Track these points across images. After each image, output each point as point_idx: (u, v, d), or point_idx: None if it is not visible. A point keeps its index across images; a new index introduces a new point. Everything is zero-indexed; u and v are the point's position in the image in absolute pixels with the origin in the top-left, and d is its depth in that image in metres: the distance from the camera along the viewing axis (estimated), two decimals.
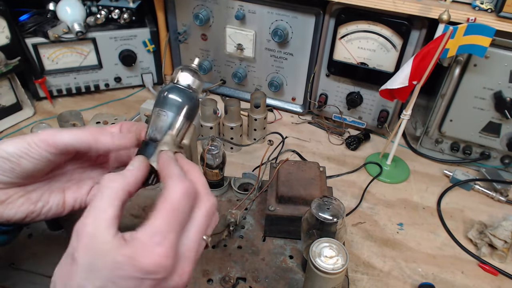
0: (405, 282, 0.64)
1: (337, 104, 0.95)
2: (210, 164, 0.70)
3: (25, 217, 0.43)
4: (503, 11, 0.69)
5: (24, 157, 0.40)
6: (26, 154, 0.40)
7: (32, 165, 0.41)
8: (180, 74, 0.44)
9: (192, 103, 0.44)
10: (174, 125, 0.43)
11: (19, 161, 0.40)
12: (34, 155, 0.40)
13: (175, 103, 0.43)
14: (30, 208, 0.43)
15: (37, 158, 0.40)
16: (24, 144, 0.40)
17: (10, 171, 0.40)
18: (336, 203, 0.56)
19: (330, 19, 0.84)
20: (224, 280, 0.60)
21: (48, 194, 0.45)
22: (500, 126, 0.79)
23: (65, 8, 0.93)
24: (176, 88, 0.43)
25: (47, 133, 0.41)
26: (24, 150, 0.40)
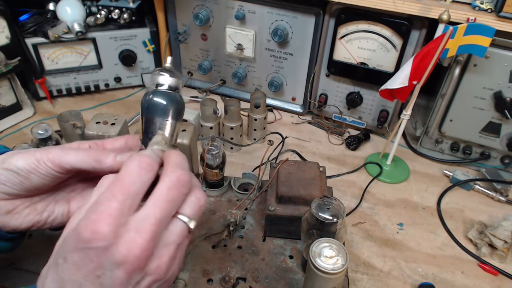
0: (405, 282, 0.64)
1: (337, 104, 0.95)
2: (210, 164, 0.70)
3: (31, 226, 0.44)
4: (503, 11, 0.69)
5: (33, 173, 0.41)
6: (35, 170, 0.41)
7: (40, 180, 0.42)
8: (158, 78, 0.44)
9: (175, 103, 0.44)
10: (164, 127, 0.43)
11: (28, 176, 0.41)
12: (43, 172, 0.41)
13: (161, 106, 0.43)
14: (36, 218, 0.44)
15: (45, 175, 0.42)
16: (34, 160, 0.41)
17: (19, 184, 0.42)
18: (336, 203, 0.56)
19: (330, 19, 0.84)
20: (224, 280, 0.60)
21: (53, 205, 0.46)
22: (500, 126, 0.79)
23: (65, 8, 0.93)
24: (157, 92, 0.43)
25: (55, 153, 0.42)
26: (33, 166, 0.41)
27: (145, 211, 0.34)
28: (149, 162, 0.35)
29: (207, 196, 0.39)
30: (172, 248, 0.35)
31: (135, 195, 0.34)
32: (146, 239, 0.32)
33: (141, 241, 0.32)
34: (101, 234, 0.31)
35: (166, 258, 0.34)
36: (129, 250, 0.32)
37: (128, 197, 0.33)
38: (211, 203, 0.72)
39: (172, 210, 0.35)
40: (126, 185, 0.34)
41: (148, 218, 0.33)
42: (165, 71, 0.44)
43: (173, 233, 0.35)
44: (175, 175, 0.36)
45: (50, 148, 0.42)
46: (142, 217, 0.33)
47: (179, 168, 0.37)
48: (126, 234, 0.32)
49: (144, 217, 0.33)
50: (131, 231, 0.32)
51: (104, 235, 0.31)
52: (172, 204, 0.35)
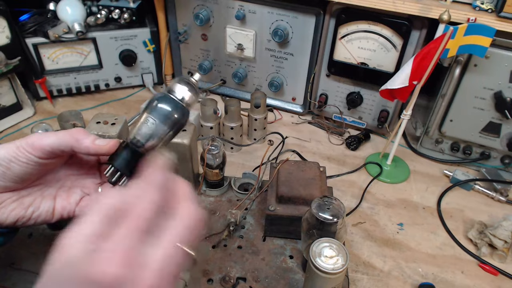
0: (405, 282, 0.64)
1: (337, 104, 0.95)
2: (210, 164, 0.70)
3: (16, 221, 0.43)
4: (503, 11, 0.69)
5: (13, 161, 0.41)
6: (15, 158, 0.41)
7: (22, 168, 0.41)
8: (177, 86, 0.43)
9: (181, 117, 0.42)
10: (158, 134, 0.42)
11: (9, 165, 0.41)
12: (23, 159, 0.41)
13: (165, 113, 0.42)
14: (21, 213, 0.43)
15: (25, 162, 0.41)
16: (13, 148, 0.41)
17: (1, 175, 0.41)
18: (336, 203, 0.57)
19: (331, 19, 0.84)
20: (224, 280, 0.60)
21: (39, 200, 0.45)
22: (500, 126, 0.79)
23: (65, 8, 0.93)
24: (169, 98, 0.42)
25: (34, 137, 0.41)
26: (13, 154, 0.40)
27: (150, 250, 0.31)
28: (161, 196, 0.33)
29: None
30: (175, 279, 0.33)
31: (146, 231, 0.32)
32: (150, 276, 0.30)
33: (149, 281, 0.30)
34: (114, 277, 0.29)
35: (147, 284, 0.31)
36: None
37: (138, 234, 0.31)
38: (211, 203, 0.72)
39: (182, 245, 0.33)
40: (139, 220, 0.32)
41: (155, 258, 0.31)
42: (188, 84, 0.43)
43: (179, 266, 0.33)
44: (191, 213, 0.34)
45: (31, 135, 0.42)
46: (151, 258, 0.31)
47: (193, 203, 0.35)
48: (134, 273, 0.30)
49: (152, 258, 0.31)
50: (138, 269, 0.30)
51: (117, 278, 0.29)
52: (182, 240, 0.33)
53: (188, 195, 0.36)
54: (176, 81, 0.43)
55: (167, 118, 0.42)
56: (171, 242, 0.32)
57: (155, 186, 0.34)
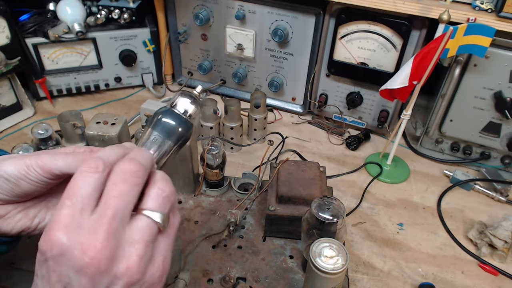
0: (405, 282, 0.64)
1: (337, 104, 0.95)
2: (210, 164, 0.70)
3: (21, 231, 0.43)
4: (503, 11, 0.69)
5: (23, 179, 0.40)
6: (25, 177, 0.40)
7: (31, 186, 0.41)
8: (179, 99, 0.43)
9: (185, 131, 0.42)
10: (164, 149, 0.41)
11: (18, 183, 0.40)
12: (33, 179, 0.41)
13: (169, 127, 0.41)
14: (27, 223, 0.43)
15: (35, 181, 0.41)
16: (24, 166, 0.40)
17: (10, 191, 0.41)
18: (336, 203, 0.57)
19: (330, 19, 0.84)
20: (224, 280, 0.60)
21: (45, 211, 0.45)
22: (500, 126, 0.79)
23: (65, 8, 0.93)
24: (172, 113, 0.42)
25: (44, 159, 0.41)
26: (23, 173, 0.40)
27: (97, 212, 0.32)
28: (94, 163, 0.34)
29: (173, 187, 0.37)
30: (140, 246, 0.33)
31: (84, 197, 0.32)
32: (100, 239, 0.31)
33: (95, 241, 0.30)
34: (53, 241, 0.31)
35: (134, 257, 0.32)
36: (84, 252, 0.30)
37: (77, 201, 0.32)
38: (211, 203, 0.72)
39: (126, 204, 0.33)
40: (72, 190, 0.33)
41: (100, 217, 0.32)
42: (190, 97, 0.43)
43: (137, 230, 0.33)
44: (120, 167, 0.34)
45: (40, 153, 0.42)
46: (95, 217, 0.32)
47: (127, 160, 0.35)
48: (80, 236, 0.31)
49: (96, 217, 0.32)
50: (84, 233, 0.31)
51: (57, 242, 0.30)
52: (123, 198, 0.33)
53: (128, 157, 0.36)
54: (179, 95, 0.43)
55: (171, 133, 0.41)
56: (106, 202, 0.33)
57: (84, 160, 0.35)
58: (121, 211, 0.33)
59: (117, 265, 0.31)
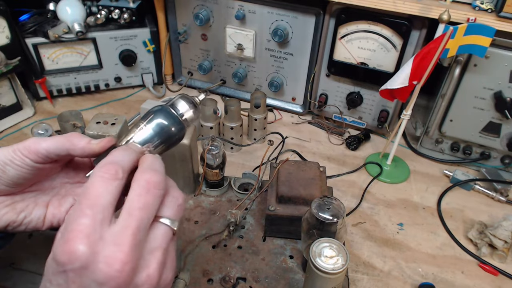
0: (405, 282, 0.64)
1: (337, 104, 0.95)
2: (210, 164, 0.70)
3: (6, 225, 0.43)
4: (503, 11, 0.69)
5: (8, 164, 0.40)
6: (10, 161, 0.40)
7: (17, 172, 0.41)
8: (179, 101, 0.43)
9: (176, 131, 0.42)
10: (149, 143, 0.41)
11: (4, 168, 0.40)
12: (18, 162, 0.40)
13: (160, 124, 0.41)
14: (12, 217, 0.43)
15: (21, 165, 0.41)
16: (10, 151, 0.40)
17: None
18: (336, 203, 0.56)
19: (330, 19, 0.84)
20: (224, 280, 0.60)
21: (32, 207, 0.45)
22: (500, 126, 0.79)
23: (65, 8, 0.93)
24: (167, 111, 0.42)
25: (31, 141, 0.41)
26: (9, 157, 0.40)
27: (120, 223, 0.32)
28: (113, 170, 0.34)
29: (184, 194, 0.38)
30: (159, 254, 0.33)
31: (104, 207, 0.32)
32: (125, 252, 0.31)
33: (121, 254, 0.30)
34: (75, 254, 0.30)
35: (154, 265, 0.33)
36: (109, 265, 0.30)
37: (98, 211, 0.31)
38: (211, 203, 0.72)
39: (149, 216, 0.33)
40: (93, 198, 0.32)
41: (125, 229, 0.31)
42: (190, 102, 0.43)
43: (156, 238, 0.34)
44: (144, 178, 0.34)
45: (29, 138, 0.42)
46: (118, 229, 0.32)
47: (149, 170, 0.35)
48: (104, 249, 0.30)
49: (120, 229, 0.32)
50: (108, 246, 0.30)
51: (80, 255, 0.30)
52: (147, 210, 0.33)
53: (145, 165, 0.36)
54: (179, 97, 0.43)
55: (160, 129, 0.41)
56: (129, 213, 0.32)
57: (103, 165, 0.34)
58: (145, 222, 0.33)
59: (139, 274, 0.32)
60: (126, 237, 0.31)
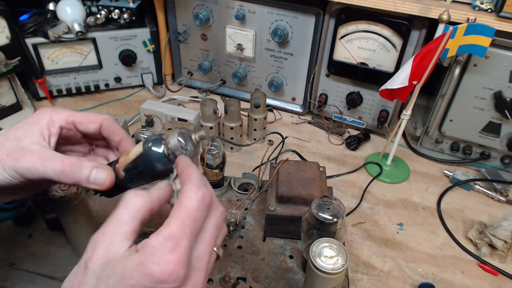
0: (405, 282, 0.64)
1: (337, 104, 0.95)
2: (210, 164, 0.70)
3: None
4: (503, 11, 0.69)
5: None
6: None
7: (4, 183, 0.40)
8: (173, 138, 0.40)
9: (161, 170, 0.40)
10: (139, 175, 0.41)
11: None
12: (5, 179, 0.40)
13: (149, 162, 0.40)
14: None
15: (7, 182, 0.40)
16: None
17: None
18: (336, 203, 0.56)
19: (330, 19, 0.84)
20: (224, 280, 0.60)
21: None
22: (500, 126, 0.79)
23: (65, 8, 0.93)
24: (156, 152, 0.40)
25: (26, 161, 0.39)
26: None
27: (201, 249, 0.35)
28: (208, 199, 0.36)
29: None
30: (204, 274, 0.35)
31: (198, 231, 0.35)
32: (204, 277, 0.34)
33: (202, 280, 0.33)
34: (175, 277, 0.31)
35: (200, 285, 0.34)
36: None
37: (195, 235, 0.34)
38: None
39: (215, 245, 0.37)
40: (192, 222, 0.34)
41: (204, 256, 0.35)
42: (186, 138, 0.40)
43: (210, 264, 0.36)
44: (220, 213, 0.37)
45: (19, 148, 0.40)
46: (200, 255, 0.34)
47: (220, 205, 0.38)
48: (191, 274, 0.33)
49: (201, 256, 0.34)
50: (194, 272, 0.33)
51: (178, 278, 0.31)
52: (216, 240, 0.37)
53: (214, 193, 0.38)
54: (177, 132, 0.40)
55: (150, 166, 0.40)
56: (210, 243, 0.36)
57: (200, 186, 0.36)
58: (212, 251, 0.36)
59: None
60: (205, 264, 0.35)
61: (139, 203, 0.35)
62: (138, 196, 0.35)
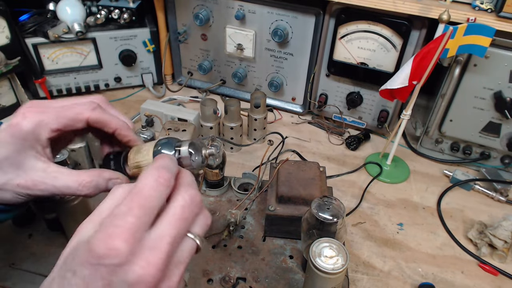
0: (405, 282, 0.64)
1: (337, 104, 0.95)
2: (210, 164, 0.70)
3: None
4: (503, 11, 0.69)
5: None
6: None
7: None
8: (185, 147, 0.42)
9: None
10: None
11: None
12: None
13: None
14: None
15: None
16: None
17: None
18: (336, 203, 0.56)
19: (330, 19, 0.84)
20: (224, 280, 0.60)
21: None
22: (500, 126, 0.79)
23: (65, 8, 0.93)
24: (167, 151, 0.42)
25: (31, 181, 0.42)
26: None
27: (160, 229, 0.32)
28: (167, 177, 0.35)
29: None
30: (182, 267, 0.34)
31: (152, 210, 0.33)
32: (162, 259, 0.31)
33: (157, 260, 0.31)
34: (116, 251, 0.30)
35: (176, 278, 0.33)
36: (144, 269, 0.30)
37: (145, 212, 0.32)
38: (211, 203, 0.72)
39: (186, 229, 0.34)
40: (144, 199, 0.32)
41: (164, 237, 0.32)
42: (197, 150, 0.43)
43: (184, 252, 0.34)
44: (189, 194, 0.35)
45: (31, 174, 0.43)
46: (158, 235, 0.32)
47: (194, 187, 0.37)
48: (142, 252, 0.31)
49: (159, 235, 0.32)
50: (147, 250, 0.31)
51: (120, 252, 0.30)
52: (185, 223, 0.34)
53: (188, 181, 0.37)
54: (189, 143, 0.43)
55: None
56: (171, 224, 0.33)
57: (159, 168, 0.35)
58: (181, 234, 0.34)
59: (162, 284, 0.32)
60: (164, 244, 0.32)
61: (122, 194, 0.35)
62: (120, 187, 0.36)
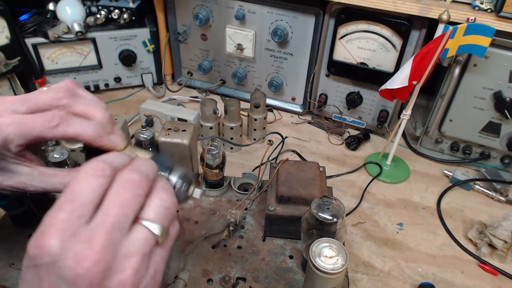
0: (405, 282, 0.64)
1: (337, 104, 0.95)
2: (210, 164, 0.70)
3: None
4: (503, 11, 0.69)
5: None
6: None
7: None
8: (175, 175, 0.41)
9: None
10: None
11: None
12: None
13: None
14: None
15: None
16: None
17: None
18: (336, 203, 0.56)
19: (330, 19, 0.84)
20: (224, 280, 0.60)
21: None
22: (500, 126, 0.79)
23: (65, 8, 0.93)
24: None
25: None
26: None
27: (95, 221, 0.30)
28: (100, 167, 0.32)
29: (175, 198, 0.35)
30: (136, 259, 0.30)
31: (84, 204, 0.30)
32: (96, 250, 0.28)
33: (91, 252, 0.28)
34: (45, 248, 0.28)
35: (129, 271, 0.30)
36: (77, 262, 0.28)
37: (76, 206, 0.30)
38: (211, 203, 0.72)
39: (127, 215, 0.31)
40: (74, 194, 0.31)
41: (99, 227, 0.30)
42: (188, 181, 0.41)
43: (134, 242, 0.31)
44: (123, 177, 0.33)
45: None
46: (93, 227, 0.30)
47: (130, 170, 0.34)
48: (75, 246, 0.28)
49: (94, 227, 0.30)
50: (80, 243, 0.29)
51: (49, 249, 0.28)
52: (125, 209, 0.31)
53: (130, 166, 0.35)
54: (181, 172, 0.41)
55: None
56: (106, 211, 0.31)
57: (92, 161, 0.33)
58: (121, 221, 0.31)
59: (111, 278, 0.29)
60: (100, 235, 0.29)
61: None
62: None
